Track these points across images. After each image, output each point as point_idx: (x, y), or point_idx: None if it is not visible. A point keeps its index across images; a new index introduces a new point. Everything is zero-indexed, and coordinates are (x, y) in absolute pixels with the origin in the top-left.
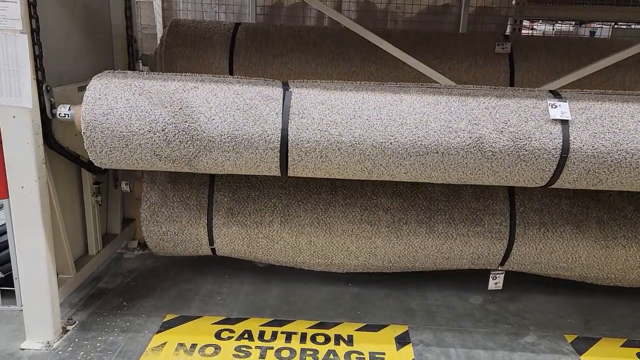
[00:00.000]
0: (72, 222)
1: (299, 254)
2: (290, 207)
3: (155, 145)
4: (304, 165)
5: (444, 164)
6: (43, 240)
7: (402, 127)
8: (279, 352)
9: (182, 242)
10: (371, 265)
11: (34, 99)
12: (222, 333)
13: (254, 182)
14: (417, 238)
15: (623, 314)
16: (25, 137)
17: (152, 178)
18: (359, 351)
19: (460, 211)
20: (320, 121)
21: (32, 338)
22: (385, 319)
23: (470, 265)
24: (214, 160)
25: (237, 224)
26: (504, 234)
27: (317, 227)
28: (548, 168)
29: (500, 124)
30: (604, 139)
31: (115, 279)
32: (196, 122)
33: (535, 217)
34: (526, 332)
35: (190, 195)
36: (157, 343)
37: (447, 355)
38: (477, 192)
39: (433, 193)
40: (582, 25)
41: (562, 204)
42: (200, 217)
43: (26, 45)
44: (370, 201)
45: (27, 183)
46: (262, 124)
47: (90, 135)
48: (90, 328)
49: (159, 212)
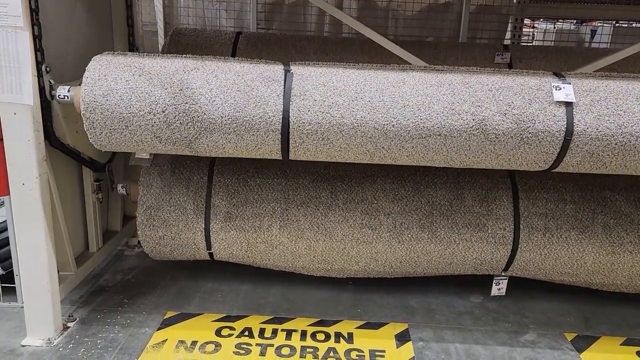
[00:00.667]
0: (73, 219)
1: (299, 259)
2: (289, 211)
3: (156, 127)
4: (305, 148)
5: (447, 146)
6: (44, 237)
7: (404, 109)
8: (279, 349)
9: (179, 246)
10: (372, 270)
11: (35, 96)
12: (222, 330)
13: (252, 185)
14: (419, 243)
15: (623, 312)
16: (26, 134)
17: (148, 181)
18: (359, 349)
19: (463, 216)
20: (322, 103)
21: (33, 335)
22: (385, 317)
23: (473, 271)
24: (215, 143)
25: (235, 229)
26: (508, 239)
27: (316, 232)
28: (552, 151)
29: (504, 106)
30: (609, 122)
31: (115, 276)
32: (197, 103)
33: (539, 222)
34: (526, 330)
35: (187, 199)
36: (158, 340)
37: (447, 353)
38: (481, 196)
39: (435, 197)
40: (584, 24)
41: (568, 209)
42: (198, 221)
43: (27, 42)
44: (371, 205)
45: (28, 180)
46: (263, 106)
47: (89, 117)
48: (90, 325)
49: (156, 216)
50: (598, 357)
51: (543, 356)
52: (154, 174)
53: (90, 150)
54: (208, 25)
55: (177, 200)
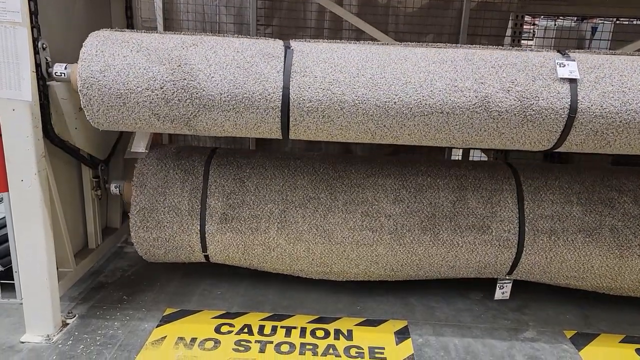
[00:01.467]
0: (72, 216)
1: (297, 262)
2: (287, 212)
3: (154, 103)
4: (305, 126)
5: (449, 124)
6: (43, 234)
7: (406, 86)
8: (279, 346)
9: (174, 248)
10: (372, 273)
11: (33, 92)
12: (221, 327)
13: (249, 186)
14: (421, 246)
15: (622, 310)
16: (25, 130)
17: (141, 181)
18: (359, 346)
19: (466, 218)
20: (323, 80)
21: (32, 331)
22: (385, 314)
23: (477, 274)
24: (214, 121)
25: (231, 231)
26: (512, 242)
27: (315, 234)
28: (555, 129)
29: (507, 83)
30: (613, 99)
31: (115, 272)
32: (195, 79)
33: (545, 224)
34: (525, 327)
35: (182, 200)
36: (157, 337)
37: (446, 350)
38: (484, 198)
39: (438, 198)
40: (584, 21)
41: (574, 211)
42: (193, 223)
43: (25, 38)
44: (372, 207)
45: (27, 176)
46: (263, 83)
47: (86, 93)
48: (90, 321)
49: (149, 218)
50: (597, 355)
51: (542, 353)
52: (147, 173)
53: (89, 147)
54: (207, 22)
55: (171, 201)
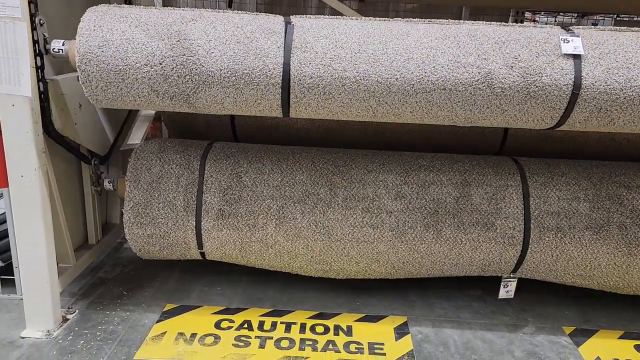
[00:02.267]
0: (72, 211)
1: (295, 260)
2: (285, 208)
3: (153, 80)
4: (306, 103)
5: (452, 101)
6: (43, 229)
7: (408, 62)
8: (279, 342)
9: (169, 245)
10: (373, 271)
11: (33, 87)
12: (221, 323)
13: (246, 181)
14: (423, 243)
15: (621, 306)
16: (25, 125)
17: (135, 176)
18: (358, 341)
19: (470, 214)
20: (324, 55)
21: (32, 327)
22: (385, 310)
23: (480, 272)
24: (214, 97)
25: (228, 227)
26: (518, 239)
27: (314, 231)
28: (559, 106)
29: (510, 59)
30: (618, 75)
31: (115, 268)
32: (195, 55)
33: (551, 221)
34: (524, 323)
35: (177, 196)
36: (157, 332)
37: (445, 346)
38: (489, 194)
39: (441, 194)
40: (584, 17)
41: (581, 207)
42: (188, 219)
43: (25, 33)
44: (373, 203)
45: (27, 172)
46: (263, 58)
47: (85, 69)
48: (90, 317)
49: (143, 214)
50: (596, 351)
51: (541, 349)
52: (141, 168)
53: (90, 143)
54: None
55: (166, 196)
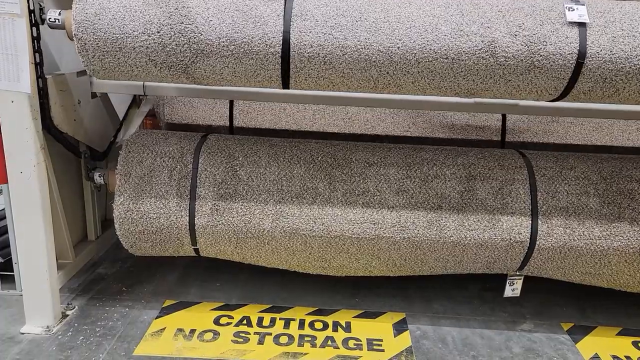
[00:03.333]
0: (71, 207)
1: (293, 256)
2: (283, 203)
3: (150, 49)
4: (306, 73)
5: (454, 70)
6: (42, 225)
7: (410, 31)
8: (277, 338)
9: (161, 242)
10: (373, 268)
11: (32, 84)
12: (221, 319)
13: (242, 175)
14: (426, 240)
15: (619, 302)
16: (24, 122)
17: (126, 170)
18: (357, 337)
19: (475, 210)
20: (324, 24)
21: (32, 322)
22: (383, 306)
23: (485, 270)
24: (212, 68)
25: (223, 223)
26: (524, 236)
27: (313, 227)
28: (563, 75)
29: (514, 27)
30: (623, 44)
31: (114, 264)
32: (193, 23)
33: (560, 217)
34: (523, 320)
35: (170, 190)
36: (156, 328)
37: (444, 342)
38: (495, 189)
39: (444, 189)
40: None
41: (591, 202)
42: (182, 214)
43: (24, 30)
44: (374, 198)
45: (26, 168)
46: (262, 26)
47: (81, 37)
48: (89, 313)
49: (134, 209)
50: (594, 347)
51: (539, 346)
52: (132, 161)
53: (89, 139)
54: None
55: (158, 191)
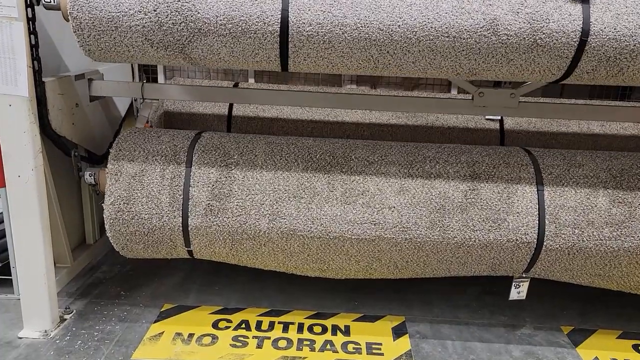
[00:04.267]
0: (70, 211)
1: (291, 258)
2: (279, 203)
3: (147, 28)
4: (305, 53)
5: (456, 49)
6: (40, 229)
7: (410, 8)
8: (276, 342)
9: (154, 243)
10: (374, 271)
11: (30, 87)
12: (219, 323)
13: (237, 174)
14: (428, 241)
15: (619, 306)
16: (22, 126)
17: (117, 168)
18: (356, 341)
19: (479, 210)
20: (323, 1)
21: (30, 327)
22: (382, 310)
23: (490, 272)
24: (209, 47)
25: (217, 224)
26: (531, 237)
27: (311, 228)
28: (566, 54)
29: (517, 4)
30: (627, 21)
31: (113, 268)
32: (190, 1)
33: (567, 216)
34: (522, 323)
35: (162, 190)
36: (155, 332)
37: (443, 347)
38: (500, 188)
39: (447, 188)
40: None
41: (600, 202)
42: (174, 215)
43: (22, 33)
44: (374, 198)
45: (24, 172)
46: (260, 4)
47: (77, 16)
48: (87, 317)
49: (125, 209)
50: (594, 351)
51: (539, 350)
52: (123, 160)
53: (87, 142)
54: None
55: (150, 190)
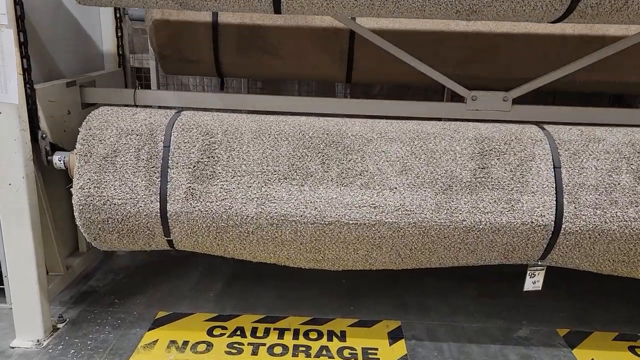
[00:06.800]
0: (62, 219)
1: (282, 248)
2: (268, 186)
3: None
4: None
5: None
6: (31, 238)
7: None
8: (272, 348)
9: (129, 232)
10: (374, 260)
11: (20, 94)
12: (214, 330)
13: (221, 154)
14: (434, 225)
15: (615, 308)
16: (12, 133)
17: (87, 149)
18: (352, 347)
19: (490, 190)
20: None
21: (22, 336)
22: (378, 315)
23: (502, 260)
24: None
25: (199, 209)
26: (548, 219)
27: (304, 212)
28: None
29: None
30: None
31: (106, 276)
32: None
33: (588, 196)
34: (519, 326)
35: (137, 172)
36: (149, 340)
37: (439, 351)
38: (512, 165)
39: (455, 167)
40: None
41: (624, 179)
42: (151, 200)
43: (12, 40)
44: (373, 178)
45: (15, 180)
46: None
47: None
48: (81, 326)
49: (96, 194)
50: (590, 353)
51: (536, 352)
52: (93, 140)
53: None
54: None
55: (123, 173)
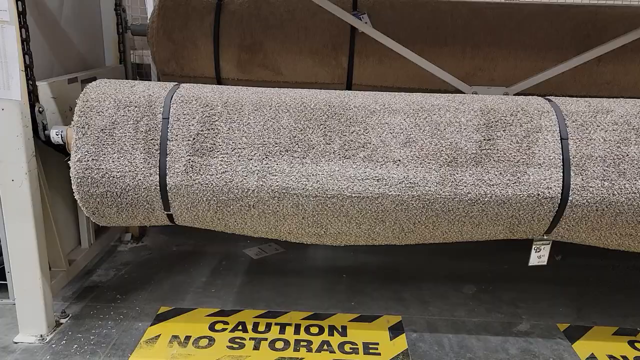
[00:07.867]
0: (64, 215)
1: (283, 222)
2: (269, 159)
3: None
4: None
5: None
6: (34, 234)
7: None
8: (273, 343)
9: (128, 206)
10: (377, 235)
11: (23, 91)
12: (216, 325)
13: (221, 126)
14: (439, 198)
15: (615, 302)
16: (15, 129)
17: (85, 121)
18: (353, 341)
19: (495, 162)
20: None
21: (25, 331)
22: (379, 309)
23: (507, 234)
24: None
25: (199, 182)
26: (555, 191)
27: (305, 185)
28: None
29: None
30: None
31: (108, 271)
32: None
33: (596, 168)
34: (519, 321)
35: (136, 144)
36: (151, 335)
37: (440, 345)
38: (519, 136)
39: (459, 139)
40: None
41: (632, 150)
42: (151, 172)
43: (14, 36)
44: (376, 151)
45: (17, 176)
46: None
47: None
48: (83, 321)
49: (94, 167)
50: (590, 347)
51: (536, 347)
52: (91, 111)
53: None
54: None
55: (122, 145)
